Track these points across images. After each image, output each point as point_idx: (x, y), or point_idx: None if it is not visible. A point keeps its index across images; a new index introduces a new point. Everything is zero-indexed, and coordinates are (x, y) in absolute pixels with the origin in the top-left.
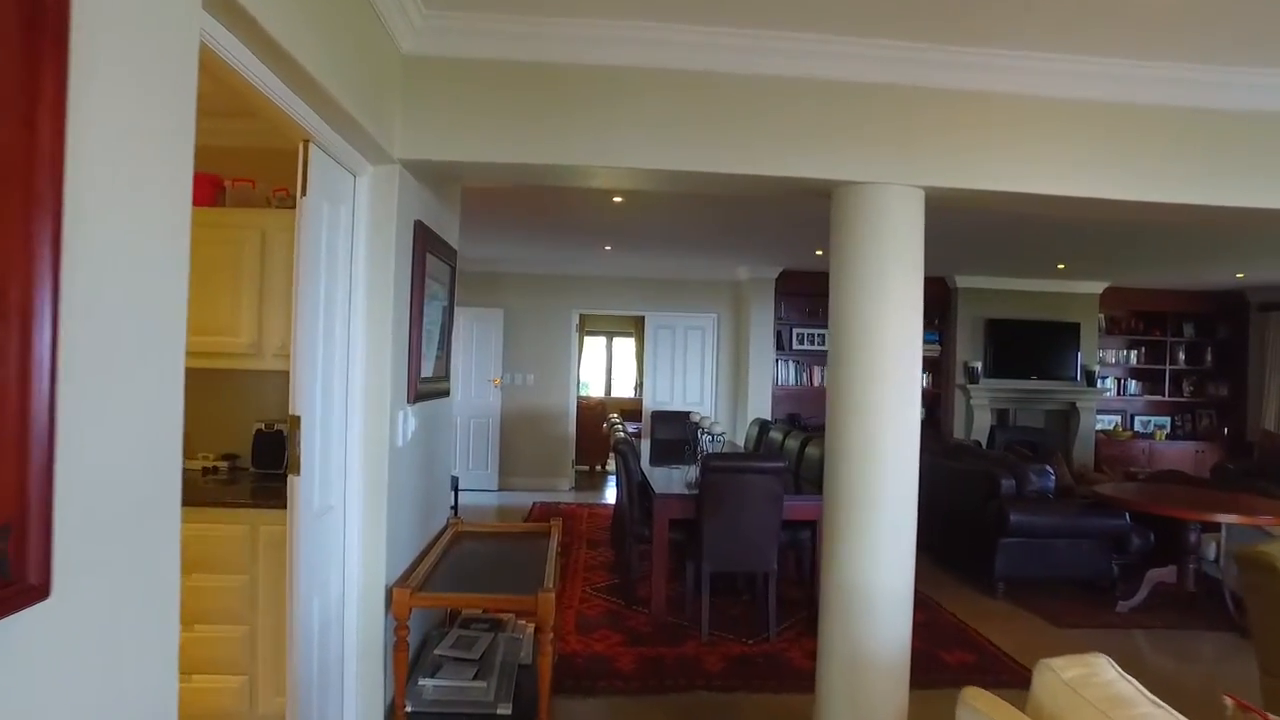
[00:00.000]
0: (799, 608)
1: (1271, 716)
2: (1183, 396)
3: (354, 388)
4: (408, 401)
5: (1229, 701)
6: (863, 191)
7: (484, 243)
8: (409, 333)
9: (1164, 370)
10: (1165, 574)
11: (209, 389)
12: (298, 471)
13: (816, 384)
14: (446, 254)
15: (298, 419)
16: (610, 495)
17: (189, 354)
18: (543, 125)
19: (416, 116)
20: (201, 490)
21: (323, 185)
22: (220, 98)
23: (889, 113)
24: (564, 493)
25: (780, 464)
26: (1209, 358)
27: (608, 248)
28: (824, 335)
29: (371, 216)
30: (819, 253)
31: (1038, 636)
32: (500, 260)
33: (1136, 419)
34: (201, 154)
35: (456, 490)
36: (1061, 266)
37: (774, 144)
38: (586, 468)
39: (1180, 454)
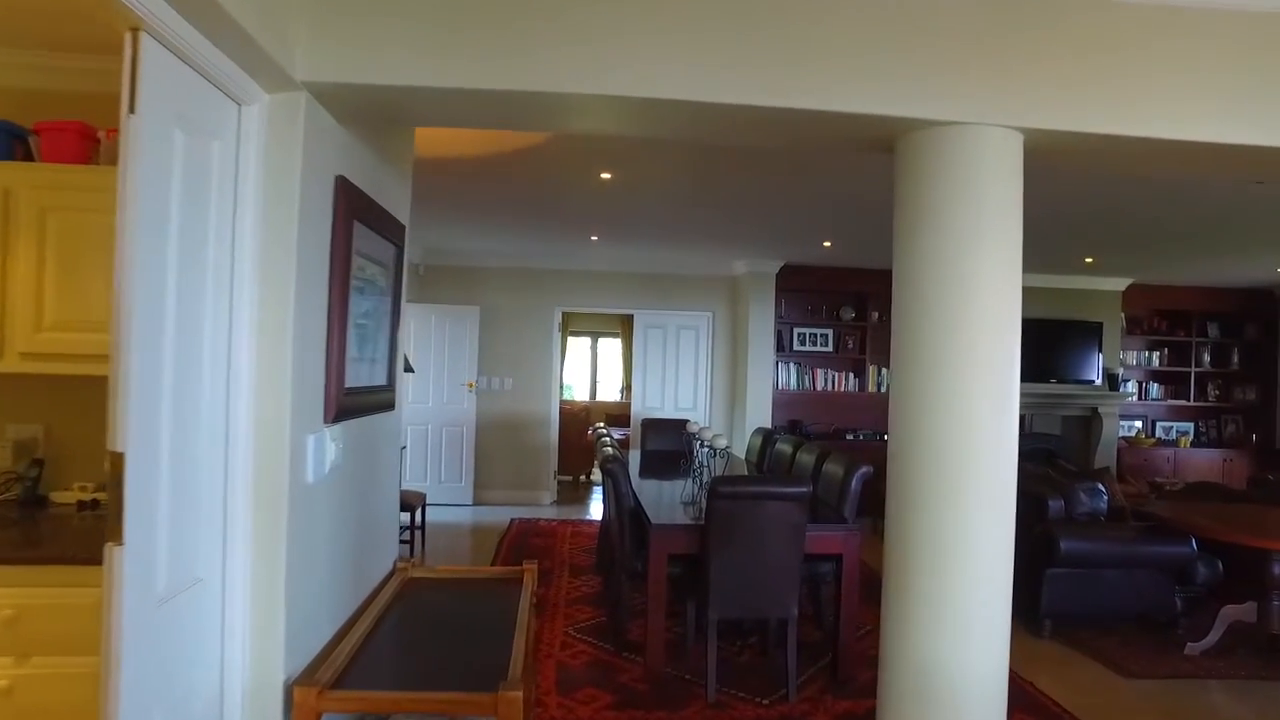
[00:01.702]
0: (818, 653)
1: None
2: (1208, 401)
3: (236, 406)
4: (325, 422)
5: None
6: (943, 136)
7: (456, 233)
8: (327, 329)
9: (1188, 373)
10: (1243, 611)
11: (84, 400)
12: (120, 539)
13: (820, 388)
14: (389, 229)
15: (121, 458)
16: (596, 509)
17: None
18: (511, 34)
19: (330, 22)
20: (62, 537)
21: (172, 103)
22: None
23: (979, 25)
24: (545, 507)
25: (804, 488)
26: (1235, 359)
27: (594, 238)
28: (828, 335)
29: (266, 164)
30: (826, 244)
31: (1103, 689)
32: (475, 253)
33: (1158, 425)
34: (71, 100)
35: (423, 511)
36: (1090, 260)
37: (828, 67)
38: (570, 478)
39: (1207, 463)
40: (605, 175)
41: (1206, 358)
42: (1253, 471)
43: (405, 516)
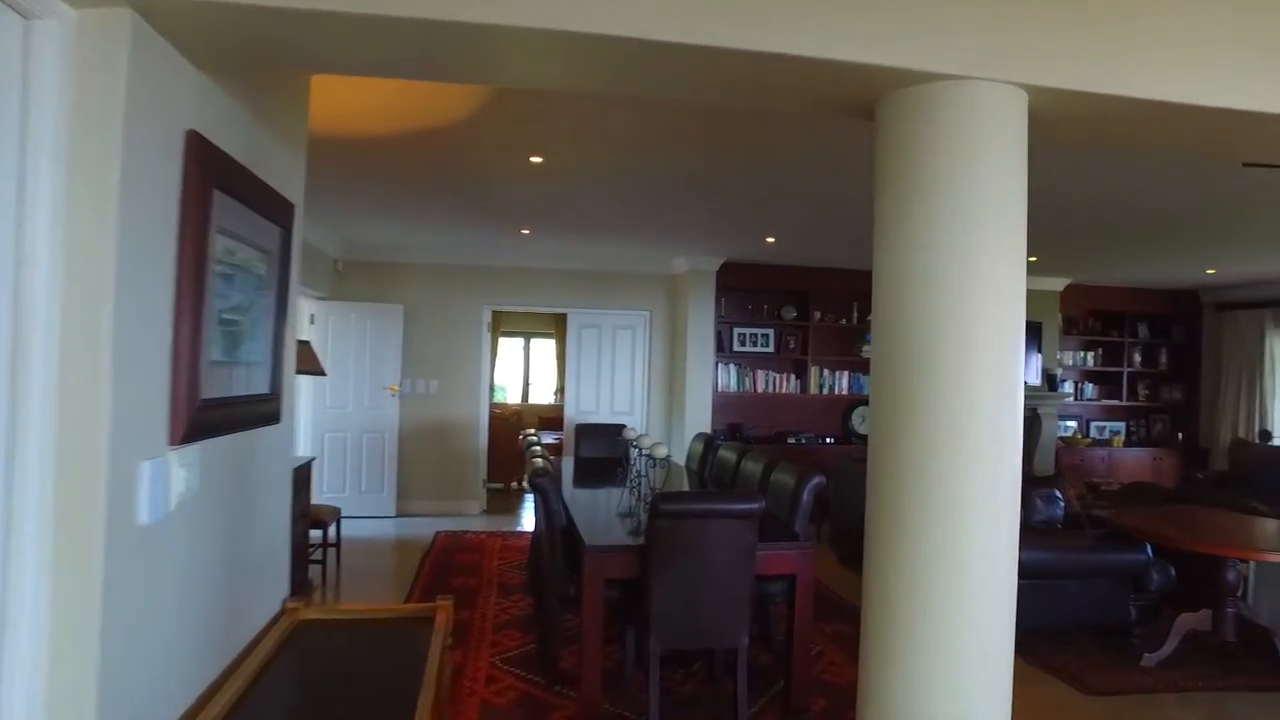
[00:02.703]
0: (768, 679)
1: None
2: (1138, 401)
3: (23, 427)
4: (170, 443)
5: None
6: (935, 94)
7: (377, 226)
8: (174, 328)
9: (1121, 373)
10: (1197, 620)
11: None
12: None
13: (761, 390)
14: (271, 207)
15: None
16: (529, 519)
17: None
18: None
19: None
20: None
21: None
22: None
23: None
24: (474, 517)
25: (755, 504)
26: (1164, 360)
27: (525, 231)
28: (769, 335)
29: (74, 103)
30: (770, 240)
31: (1068, 710)
32: (399, 248)
33: (1092, 425)
34: None
35: (338, 526)
36: (1034, 259)
37: (802, 5)
38: (500, 485)
39: (1139, 462)
40: (535, 159)
41: (1137, 358)
42: (1180, 469)
43: (317, 534)
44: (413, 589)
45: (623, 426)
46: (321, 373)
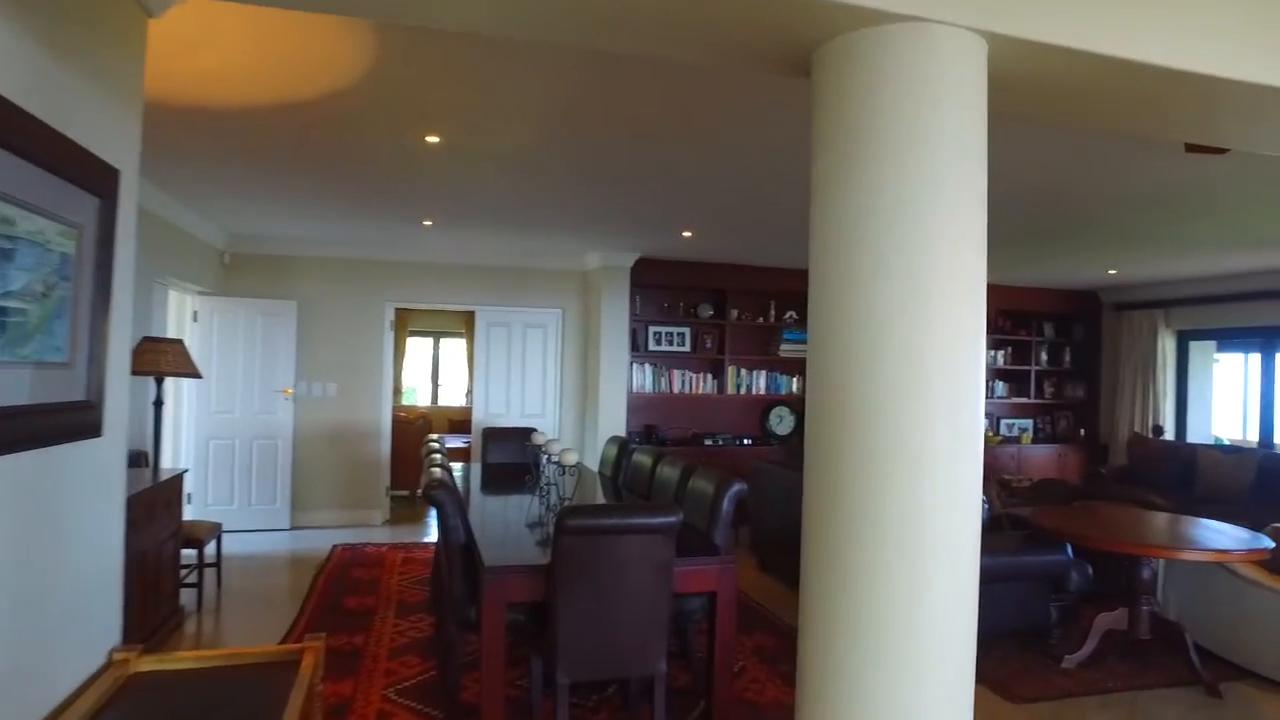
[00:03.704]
0: (687, 701)
1: None
2: (1044, 398)
3: None
4: None
5: None
6: (882, 39)
7: (266, 214)
8: None
9: (1029, 371)
10: (1114, 619)
11: None
12: None
13: (677, 390)
14: (79, 170)
15: None
16: (436, 529)
17: None
18: None
19: None
20: None
21: None
22: None
23: None
24: (375, 528)
25: (672, 517)
26: (1068, 358)
27: (427, 223)
28: (685, 334)
29: None
30: (687, 234)
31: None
32: (291, 239)
33: (1002, 422)
34: None
35: (219, 544)
36: None
37: None
38: (405, 493)
39: (1045, 458)
40: (431, 138)
41: (1044, 356)
42: (1083, 464)
43: (192, 554)
44: (302, 611)
45: (533, 430)
46: (197, 375)
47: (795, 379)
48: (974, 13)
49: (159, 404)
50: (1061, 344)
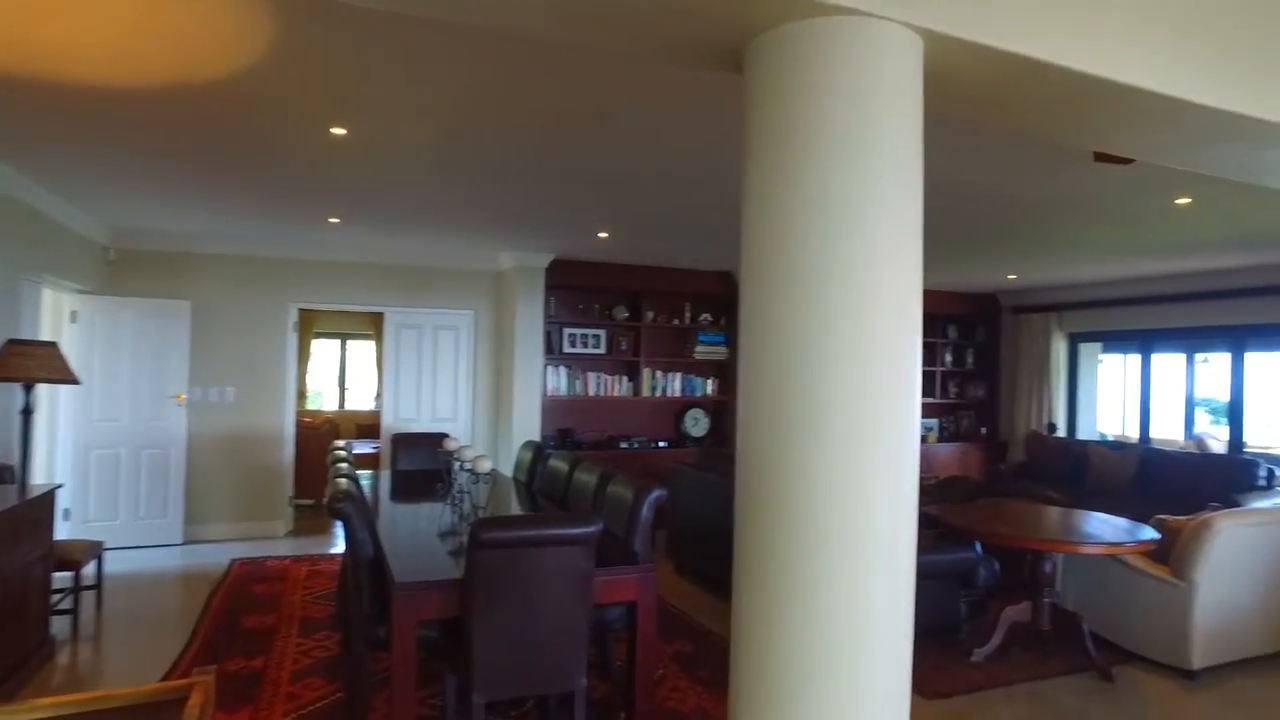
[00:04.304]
0: (608, 712)
1: None
2: (949, 398)
3: None
4: None
5: None
6: (818, 31)
7: (156, 208)
8: None
9: (935, 372)
10: (1019, 612)
11: None
12: None
13: (592, 392)
14: None
15: None
16: (343, 541)
17: None
18: None
19: None
20: None
21: None
22: None
23: None
24: (278, 540)
25: (591, 527)
26: (970, 360)
27: (333, 220)
28: (600, 336)
29: None
30: (603, 235)
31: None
32: (184, 236)
33: None
34: None
35: (100, 564)
36: None
37: None
38: (311, 502)
39: (950, 455)
40: (338, 130)
41: (948, 358)
42: (985, 461)
43: (68, 576)
44: (194, 634)
45: (444, 435)
46: (73, 380)
47: (710, 381)
48: (911, 8)
49: (27, 413)
50: (964, 345)
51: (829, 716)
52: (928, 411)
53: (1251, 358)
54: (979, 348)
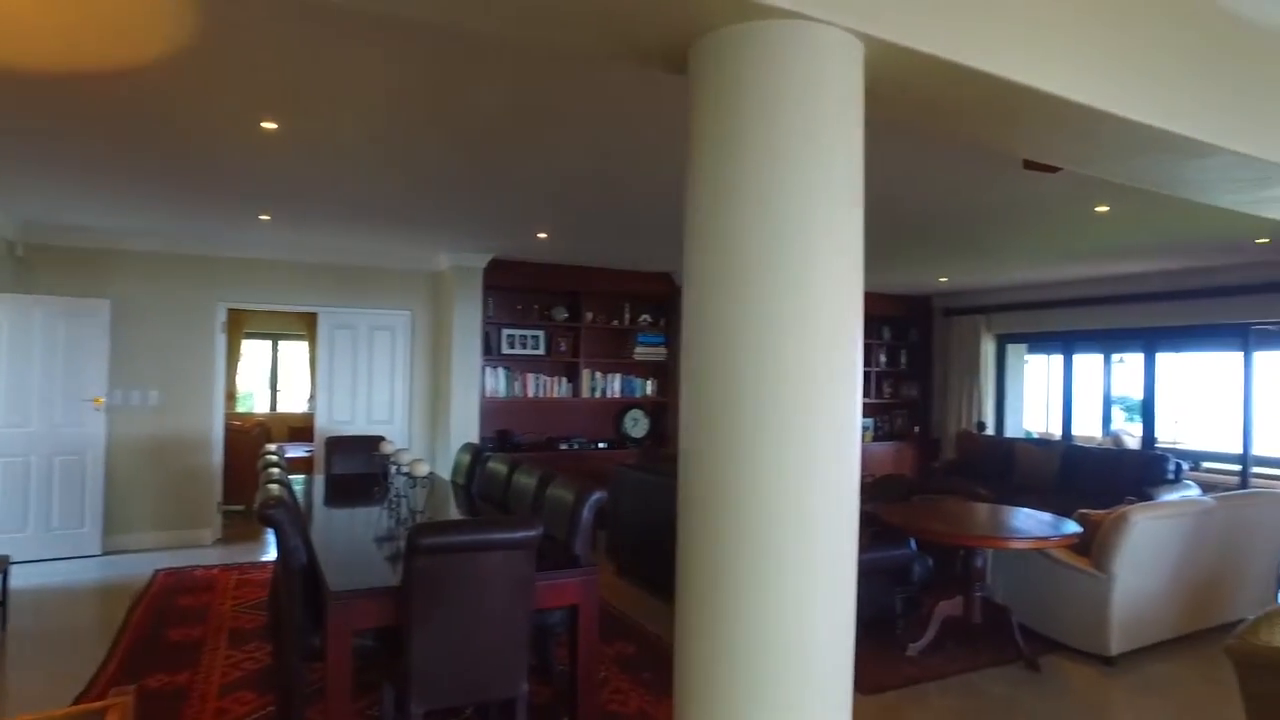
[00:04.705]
0: (550, 716)
1: None
2: (884, 398)
3: None
4: None
5: None
6: (760, 34)
7: (71, 201)
8: None
9: (870, 372)
10: (952, 606)
11: None
12: None
13: (531, 394)
14: None
15: None
16: (274, 549)
17: None
18: None
19: None
20: None
21: None
22: None
23: None
24: (206, 549)
25: (532, 531)
26: (903, 360)
27: (264, 217)
28: (539, 338)
29: None
30: (542, 235)
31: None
32: (103, 231)
33: None
34: None
35: (5, 579)
36: None
37: None
38: (241, 507)
39: (885, 454)
40: (268, 124)
41: (883, 358)
42: (918, 460)
43: None
44: (113, 650)
45: (380, 438)
46: None
47: (650, 382)
48: (853, 14)
49: None
50: (898, 346)
51: (773, 714)
52: (863, 411)
53: (1162, 358)
54: (912, 348)
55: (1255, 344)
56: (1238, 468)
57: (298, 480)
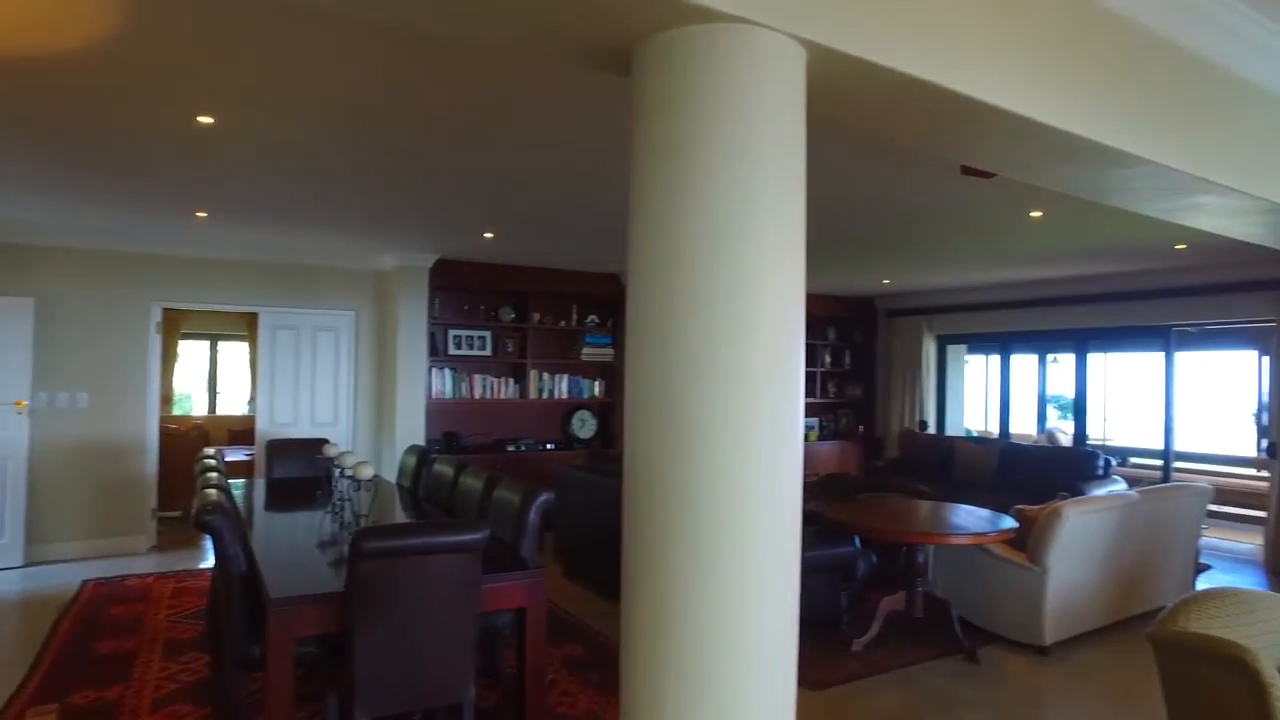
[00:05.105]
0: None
1: None
2: (829, 398)
3: None
4: None
5: None
6: (701, 38)
7: None
8: None
9: (815, 373)
10: (896, 601)
11: None
12: None
13: (478, 395)
14: None
15: None
16: (212, 556)
17: None
18: None
19: None
20: None
21: None
22: None
23: None
24: (140, 557)
25: (478, 534)
26: (848, 360)
27: (201, 215)
28: (486, 338)
29: None
30: (488, 235)
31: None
32: (26, 226)
33: None
34: None
35: None
36: None
37: None
38: (178, 514)
39: (830, 453)
40: (204, 119)
41: (828, 359)
42: (863, 458)
43: None
44: (35, 667)
45: (324, 441)
46: None
47: (598, 383)
48: (794, 20)
49: None
50: (843, 347)
51: (717, 711)
52: (808, 411)
53: (1093, 358)
54: (856, 349)
55: (1176, 345)
56: (1160, 463)
57: (237, 485)
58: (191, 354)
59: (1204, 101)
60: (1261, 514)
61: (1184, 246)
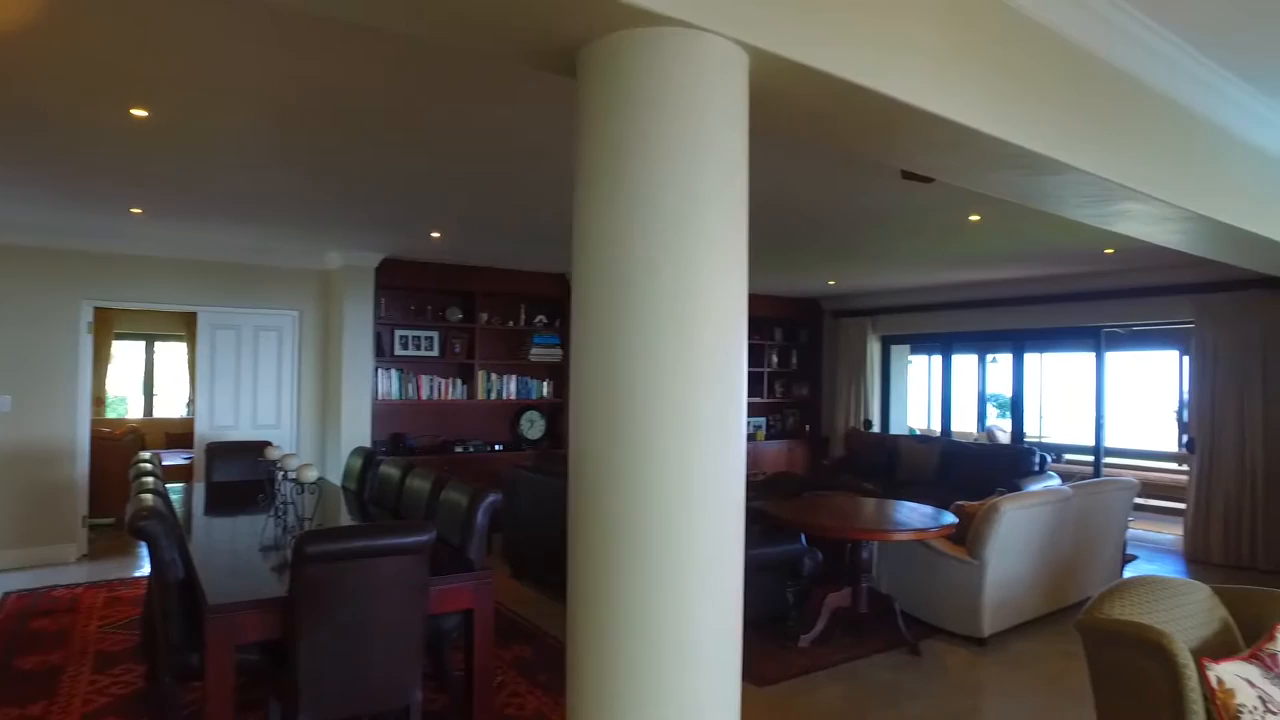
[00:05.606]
0: None
1: None
2: (776, 397)
3: None
4: None
5: None
6: (645, 42)
7: None
8: None
9: (762, 373)
10: (841, 598)
11: None
12: None
13: (425, 396)
14: None
15: None
16: (148, 563)
17: None
18: None
19: None
20: None
21: None
22: None
23: None
24: (70, 567)
25: (425, 536)
26: (794, 360)
27: (135, 211)
28: (433, 339)
29: None
30: (435, 235)
31: (744, 705)
32: None
33: None
34: None
35: None
36: None
37: None
38: (111, 520)
39: (778, 453)
40: (138, 112)
41: (775, 359)
42: (809, 457)
43: None
44: None
45: (266, 443)
46: None
47: (546, 383)
48: (738, 25)
49: None
50: (789, 347)
51: (663, 711)
52: (756, 410)
53: (1029, 358)
54: (803, 349)
55: (1106, 345)
56: (1092, 458)
57: (175, 489)
58: (126, 355)
59: (1130, 116)
60: (1182, 506)
61: (1112, 251)
